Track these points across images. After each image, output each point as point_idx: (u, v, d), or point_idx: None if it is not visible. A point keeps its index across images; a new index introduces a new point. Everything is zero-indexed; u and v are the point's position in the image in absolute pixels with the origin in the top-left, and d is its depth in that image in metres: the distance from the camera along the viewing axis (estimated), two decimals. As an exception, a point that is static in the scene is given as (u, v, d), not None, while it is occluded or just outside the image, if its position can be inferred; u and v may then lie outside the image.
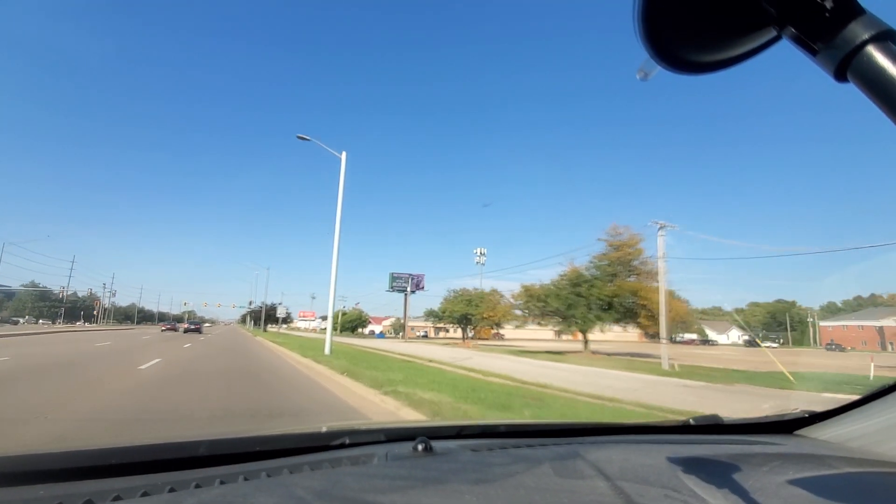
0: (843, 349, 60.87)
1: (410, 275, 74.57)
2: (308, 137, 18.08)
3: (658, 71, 0.49)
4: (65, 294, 78.09)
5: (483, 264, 68.96)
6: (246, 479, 0.84)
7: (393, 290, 73.10)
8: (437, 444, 1.07)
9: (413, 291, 74.07)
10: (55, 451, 0.90)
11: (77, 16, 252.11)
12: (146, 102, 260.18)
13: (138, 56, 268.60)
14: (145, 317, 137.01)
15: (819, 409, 1.31)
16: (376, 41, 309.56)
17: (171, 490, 0.77)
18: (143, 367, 10.87)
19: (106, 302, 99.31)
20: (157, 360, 12.59)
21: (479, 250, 68.72)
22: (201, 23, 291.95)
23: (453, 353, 26.08)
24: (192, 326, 51.77)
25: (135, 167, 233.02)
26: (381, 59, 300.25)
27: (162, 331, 51.06)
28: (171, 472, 0.85)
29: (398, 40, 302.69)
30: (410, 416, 5.81)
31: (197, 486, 0.79)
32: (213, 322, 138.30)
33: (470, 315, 47.94)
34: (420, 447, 1.04)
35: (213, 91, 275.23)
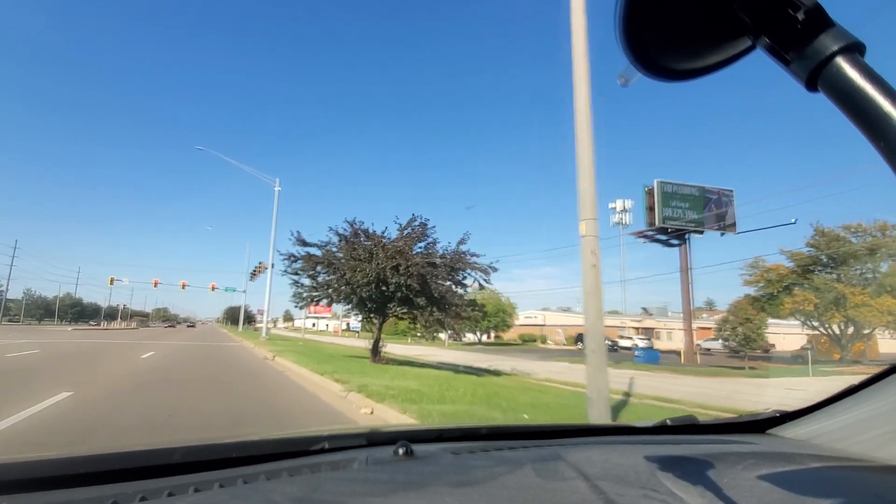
0: None
1: (706, 190, 29.93)
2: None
3: (638, 78, 0.50)
4: None
5: (625, 225, 43.47)
6: (222, 486, 0.81)
7: (652, 236, 30.31)
8: (418, 448, 1.07)
9: (701, 233, 29.52)
10: (15, 461, 0.86)
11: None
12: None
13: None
14: (83, 312, 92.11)
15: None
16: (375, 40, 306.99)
17: (143, 499, 0.74)
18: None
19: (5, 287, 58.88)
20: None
21: (619, 204, 42.19)
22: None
23: None
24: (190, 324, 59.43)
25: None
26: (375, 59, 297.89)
27: (165, 328, 56.73)
28: (144, 481, 0.82)
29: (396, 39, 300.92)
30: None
31: (170, 495, 0.76)
32: (188, 320, 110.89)
33: None
34: (401, 451, 1.03)
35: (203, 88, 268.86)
